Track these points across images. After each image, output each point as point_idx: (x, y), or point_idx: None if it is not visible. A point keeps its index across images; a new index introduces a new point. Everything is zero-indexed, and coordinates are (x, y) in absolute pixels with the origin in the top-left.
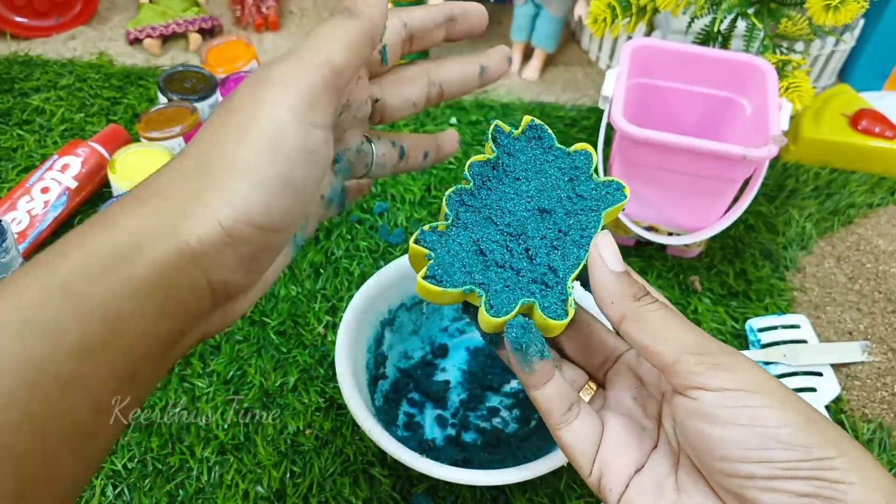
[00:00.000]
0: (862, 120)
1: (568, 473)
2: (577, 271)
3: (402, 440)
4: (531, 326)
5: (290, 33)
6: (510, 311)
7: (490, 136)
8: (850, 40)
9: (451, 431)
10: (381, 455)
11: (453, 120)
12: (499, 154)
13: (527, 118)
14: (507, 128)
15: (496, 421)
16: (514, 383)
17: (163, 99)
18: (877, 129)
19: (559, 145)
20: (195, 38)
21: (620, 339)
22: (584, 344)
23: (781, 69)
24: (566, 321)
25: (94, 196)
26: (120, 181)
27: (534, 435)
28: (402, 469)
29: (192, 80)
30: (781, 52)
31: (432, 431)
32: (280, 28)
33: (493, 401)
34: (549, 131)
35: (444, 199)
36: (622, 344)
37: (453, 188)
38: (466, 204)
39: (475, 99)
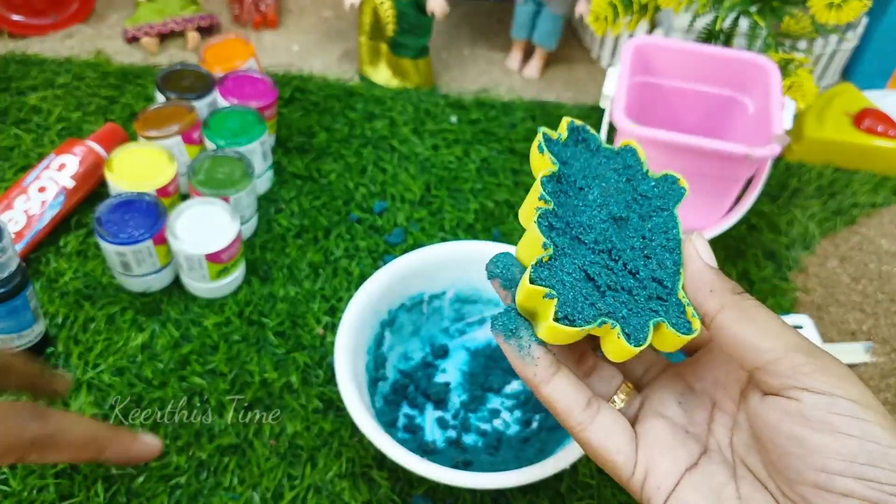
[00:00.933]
0: (865, 119)
1: (569, 476)
2: (683, 278)
3: (403, 442)
4: (512, 309)
5: (289, 31)
6: (645, 336)
7: (543, 147)
8: (853, 39)
9: (452, 433)
10: (381, 457)
11: (453, 118)
12: (559, 165)
13: (565, 120)
14: (554, 134)
15: (497, 423)
16: (515, 385)
17: (160, 97)
18: (880, 129)
19: (606, 145)
20: (193, 36)
21: None
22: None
23: (784, 68)
24: (696, 333)
25: (91, 195)
26: (117, 180)
27: (535, 437)
28: (401, 471)
29: (189, 79)
30: (784, 51)
31: (433, 433)
32: (278, 26)
33: (494, 402)
34: (592, 131)
35: (535, 226)
36: None
37: (539, 213)
38: (555, 227)
39: (475, 97)
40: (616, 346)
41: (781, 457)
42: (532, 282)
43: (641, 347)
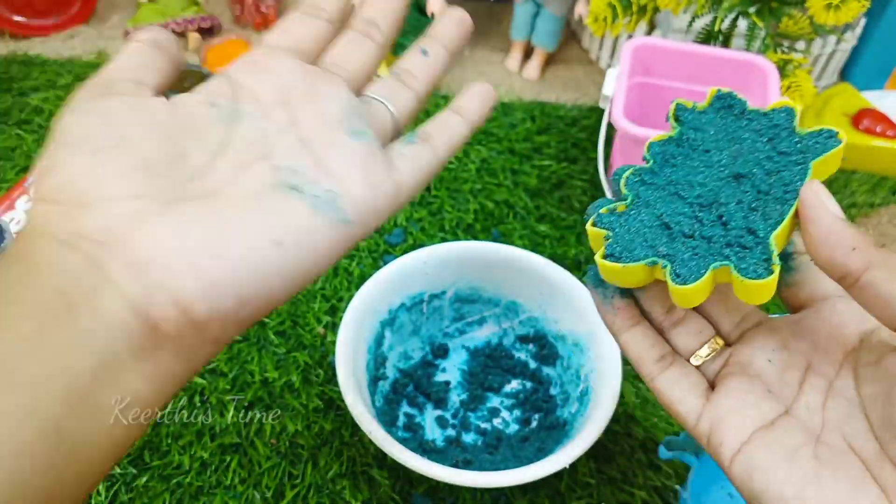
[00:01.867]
0: (863, 119)
1: (569, 475)
2: (780, 228)
3: (403, 441)
4: None
5: None
6: (699, 276)
7: (671, 115)
8: (851, 39)
9: (452, 432)
10: (381, 456)
11: None
12: (682, 130)
13: (712, 90)
14: (689, 103)
15: (497, 422)
16: (514, 384)
17: None
18: (878, 129)
19: (753, 107)
20: (194, 37)
21: None
22: (723, 298)
23: (783, 68)
24: (768, 280)
25: None
26: None
27: (535, 436)
28: (401, 470)
29: (191, 80)
30: (783, 51)
31: (433, 432)
32: None
33: (494, 401)
34: (740, 96)
35: (622, 182)
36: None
37: (632, 170)
38: (647, 183)
39: None
40: (670, 287)
41: None
42: (594, 224)
43: (690, 287)
